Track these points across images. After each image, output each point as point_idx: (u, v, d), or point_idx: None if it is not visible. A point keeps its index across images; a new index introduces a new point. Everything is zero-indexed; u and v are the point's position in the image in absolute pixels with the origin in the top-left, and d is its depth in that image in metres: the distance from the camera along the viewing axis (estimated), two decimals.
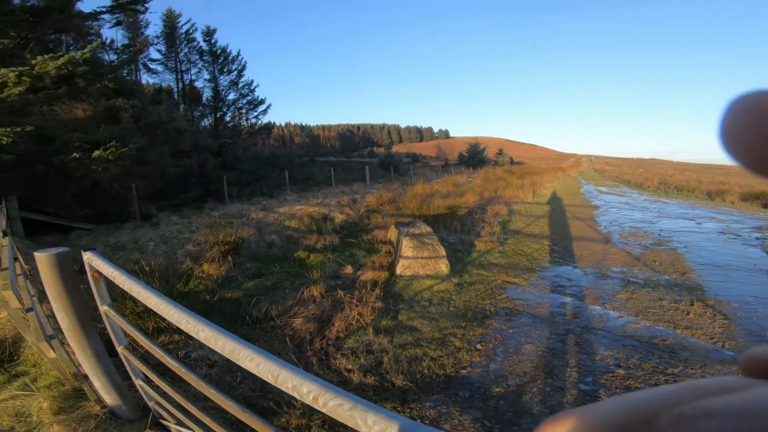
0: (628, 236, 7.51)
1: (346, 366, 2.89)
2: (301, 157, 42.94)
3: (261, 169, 24.87)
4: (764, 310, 3.85)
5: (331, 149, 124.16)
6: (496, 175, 19.98)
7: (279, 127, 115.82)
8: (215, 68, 28.79)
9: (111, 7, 11.22)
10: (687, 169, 65.71)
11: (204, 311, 3.87)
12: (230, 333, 0.86)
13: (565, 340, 3.25)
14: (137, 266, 4.27)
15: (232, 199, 15.42)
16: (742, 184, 23.32)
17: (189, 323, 0.94)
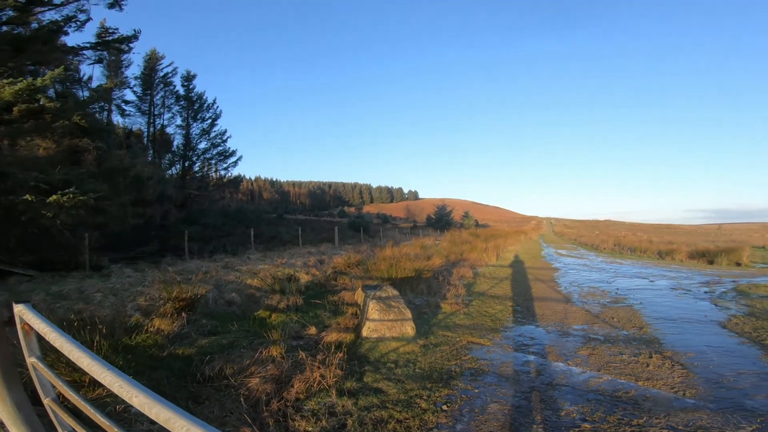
0: (587, 295, 7.78)
1: (306, 428, 2.71)
2: (270, 214, 42.56)
3: (226, 225, 24.36)
4: (719, 358, 4.04)
5: (301, 207, 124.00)
6: (461, 238, 20.52)
7: (248, 180, 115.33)
8: (189, 114, 28.20)
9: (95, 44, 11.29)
10: (639, 229, 70.09)
11: (151, 366, 3.61)
12: (167, 401, 0.83)
13: (530, 398, 3.22)
14: (79, 317, 3.97)
15: (193, 255, 14.85)
16: (689, 243, 25.09)
17: (122, 387, 0.90)
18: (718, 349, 4.34)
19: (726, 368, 3.75)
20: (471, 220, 55.19)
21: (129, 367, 3.45)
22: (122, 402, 2.71)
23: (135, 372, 3.39)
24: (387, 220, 66.00)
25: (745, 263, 15.00)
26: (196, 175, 29.11)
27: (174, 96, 28.11)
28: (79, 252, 10.41)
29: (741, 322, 5.42)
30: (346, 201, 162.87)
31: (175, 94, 28.14)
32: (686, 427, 2.69)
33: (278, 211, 54.89)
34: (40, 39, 9.08)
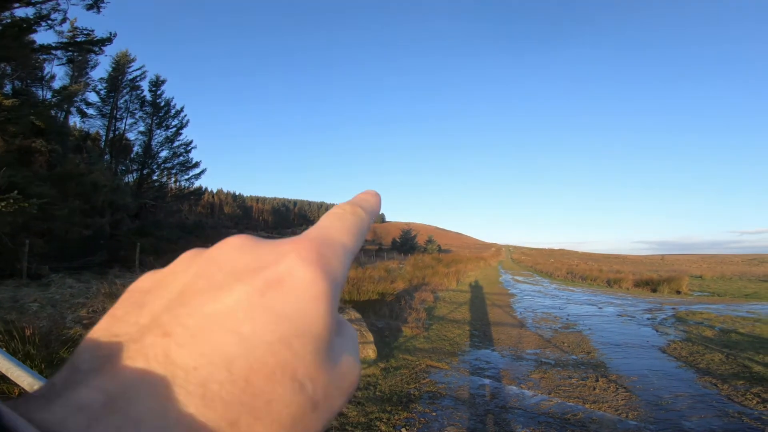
0: (541, 321, 8.09)
1: None
2: (230, 230, 41.29)
3: (182, 239, 23.31)
4: (658, 381, 4.35)
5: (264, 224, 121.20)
6: (424, 263, 20.82)
7: (210, 193, 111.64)
8: (154, 121, 26.46)
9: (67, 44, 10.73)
10: (591, 258, 73.89)
11: None
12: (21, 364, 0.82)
13: (485, 420, 3.31)
14: (10, 327, 3.71)
15: (144, 268, 14.01)
16: (635, 272, 26.73)
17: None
18: (658, 372, 4.66)
19: (665, 391, 4.03)
20: (434, 245, 56.00)
21: None
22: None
23: None
24: None
25: (685, 291, 16.18)
26: (154, 184, 27.46)
27: (139, 101, 26.38)
28: (17, 259, 9.63)
29: (679, 347, 5.85)
30: (311, 219, 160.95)
31: (141, 98, 26.44)
32: None
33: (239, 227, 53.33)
34: (11, 35, 8.57)
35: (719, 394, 3.92)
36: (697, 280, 24.99)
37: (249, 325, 0.16)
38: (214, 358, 0.15)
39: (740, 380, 4.28)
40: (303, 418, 0.16)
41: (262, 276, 0.18)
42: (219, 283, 0.17)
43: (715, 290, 17.97)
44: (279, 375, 0.16)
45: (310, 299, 0.17)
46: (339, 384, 0.18)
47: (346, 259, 0.20)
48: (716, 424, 3.24)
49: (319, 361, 0.17)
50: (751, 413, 3.42)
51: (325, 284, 0.18)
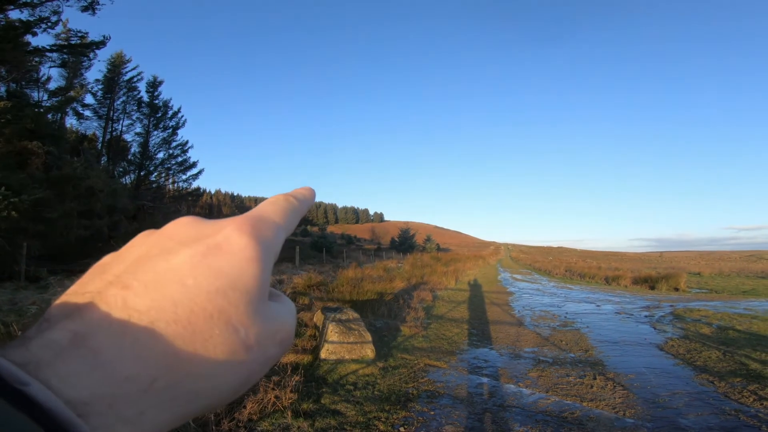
0: (539, 319, 8.11)
1: None
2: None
3: None
4: (656, 379, 4.35)
5: None
6: (423, 262, 20.83)
7: (208, 194, 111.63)
8: (151, 122, 26.38)
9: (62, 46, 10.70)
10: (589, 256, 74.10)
11: None
12: None
13: (482, 419, 3.31)
14: (10, 329, 3.72)
15: None
16: (633, 269, 26.80)
17: None
18: (656, 370, 4.67)
19: (662, 388, 4.04)
20: (433, 243, 56.06)
21: None
22: None
23: None
24: (351, 241, 65.78)
25: (683, 288, 16.22)
26: (152, 186, 27.41)
27: (136, 102, 26.34)
28: (14, 261, 9.60)
29: (676, 344, 5.86)
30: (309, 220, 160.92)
31: (138, 100, 26.39)
32: None
33: None
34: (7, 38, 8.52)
35: (716, 392, 3.92)
36: (695, 277, 25.05)
37: (192, 279, 0.20)
38: (163, 303, 0.19)
39: (737, 377, 4.28)
40: (237, 356, 0.20)
41: (204, 242, 0.22)
42: (169, 249, 0.21)
43: (713, 287, 18.01)
44: (216, 318, 0.20)
45: (245, 260, 0.21)
46: (271, 335, 0.22)
47: (277, 233, 0.25)
48: (713, 421, 3.24)
49: (251, 311, 0.21)
50: (747, 411, 3.43)
51: (258, 250, 0.22)
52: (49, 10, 10.13)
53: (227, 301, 0.20)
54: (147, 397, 0.17)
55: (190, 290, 0.20)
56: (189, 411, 0.19)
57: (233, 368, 0.20)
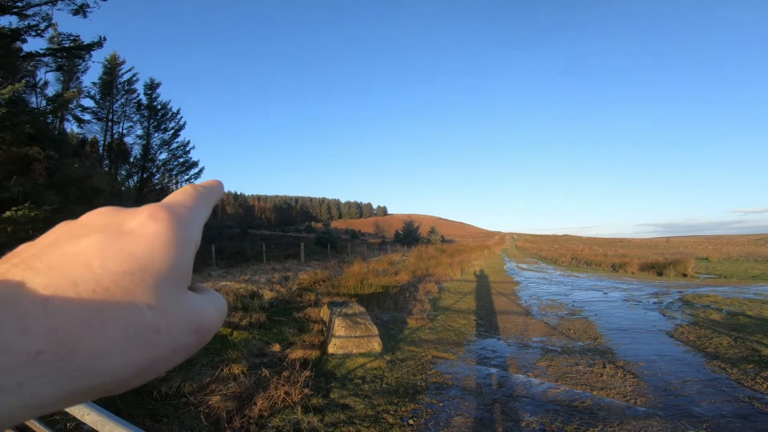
0: (546, 308, 8.08)
1: None
2: (233, 229, 41.37)
3: None
4: (666, 366, 4.30)
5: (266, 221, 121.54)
6: (428, 254, 20.80)
7: None
8: (150, 124, 26.51)
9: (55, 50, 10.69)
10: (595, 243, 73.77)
11: None
12: (120, 418, 0.82)
13: (492, 410, 3.30)
14: None
15: None
16: (640, 256, 26.66)
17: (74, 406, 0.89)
18: (666, 357, 4.63)
19: (673, 376, 4.00)
20: (437, 235, 56.03)
21: None
22: (73, 419, 2.57)
23: None
24: (356, 235, 65.85)
25: (691, 274, 16.09)
26: (155, 187, 27.65)
27: (135, 104, 26.53)
28: None
29: (686, 331, 5.80)
30: (313, 216, 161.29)
31: (137, 102, 26.56)
32: None
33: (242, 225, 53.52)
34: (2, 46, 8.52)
35: (728, 379, 3.87)
36: (703, 262, 24.86)
37: (99, 261, 0.20)
38: (63, 282, 0.19)
39: (749, 364, 4.22)
40: (141, 338, 0.19)
41: (117, 228, 0.22)
42: (80, 235, 0.21)
43: (722, 272, 17.86)
44: (119, 298, 0.19)
45: (157, 244, 0.21)
46: (185, 322, 0.22)
47: (192, 219, 0.25)
48: (726, 409, 3.20)
49: (162, 295, 0.20)
50: (761, 398, 3.37)
51: (172, 235, 0.22)
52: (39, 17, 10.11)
53: (134, 284, 0.20)
54: (28, 369, 0.17)
55: (95, 271, 0.19)
56: (77, 388, 0.19)
57: (135, 350, 0.19)
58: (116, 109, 26.07)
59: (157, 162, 27.10)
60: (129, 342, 0.19)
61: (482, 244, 53.70)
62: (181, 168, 27.89)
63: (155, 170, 27.11)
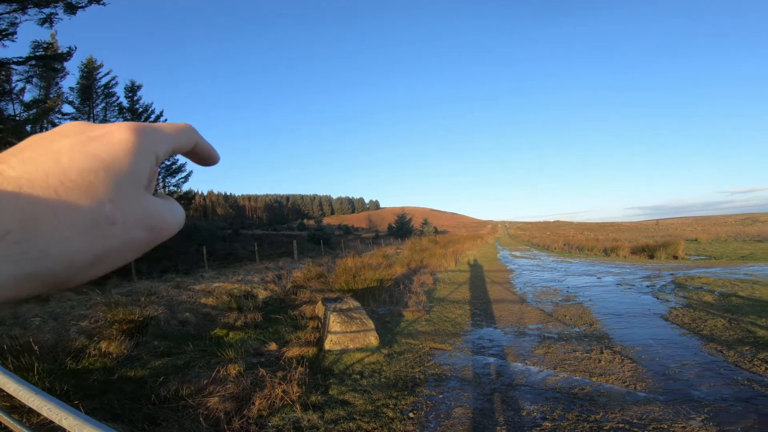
0: (541, 295, 8.12)
1: None
2: (224, 230, 40.98)
3: (177, 243, 23.12)
4: (663, 350, 4.32)
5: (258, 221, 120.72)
6: (421, 246, 20.81)
7: (201, 196, 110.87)
8: None
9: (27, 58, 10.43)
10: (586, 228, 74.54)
11: (101, 389, 3.41)
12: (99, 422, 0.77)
13: (492, 399, 3.29)
14: (18, 342, 3.69)
15: (141, 276, 13.99)
16: (631, 239, 26.98)
17: (51, 410, 0.84)
18: (662, 341, 4.65)
19: (671, 360, 4.01)
20: (430, 227, 56.12)
21: (77, 391, 3.24)
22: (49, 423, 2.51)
23: (84, 395, 3.20)
24: (349, 231, 65.68)
25: (681, 256, 16.31)
26: None
27: (116, 107, 26.34)
28: None
29: (681, 313, 5.85)
30: (305, 213, 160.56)
31: (118, 105, 26.34)
32: (640, 420, 2.84)
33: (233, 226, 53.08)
34: None
35: (726, 361, 3.87)
36: (692, 243, 25.23)
37: (68, 157, 0.22)
38: (35, 173, 0.21)
39: (746, 346, 4.24)
40: (99, 228, 0.22)
41: (87, 134, 0.24)
42: (53, 139, 0.24)
43: (712, 253, 18.12)
44: (84, 190, 0.22)
45: (122, 150, 0.24)
46: (141, 219, 0.24)
47: (162, 139, 0.27)
48: (726, 392, 3.20)
49: (121, 192, 0.23)
50: (761, 380, 3.38)
51: (135, 143, 0.25)
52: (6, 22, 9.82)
53: (98, 179, 0.22)
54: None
55: (64, 165, 0.22)
56: (38, 269, 0.20)
57: (92, 238, 0.22)
58: (97, 113, 25.71)
59: None
60: (88, 229, 0.22)
61: (475, 233, 53.95)
62: (167, 171, 27.73)
63: None
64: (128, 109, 26.47)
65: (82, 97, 25.10)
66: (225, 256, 21.32)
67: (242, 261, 19.06)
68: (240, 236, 36.02)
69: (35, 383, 3.12)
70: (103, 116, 25.89)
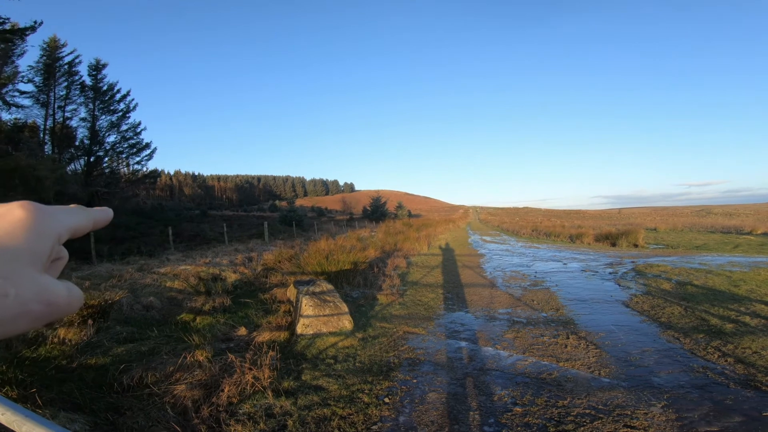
0: (510, 279, 8.32)
1: None
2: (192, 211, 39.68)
3: (141, 224, 22.20)
4: (625, 336, 4.49)
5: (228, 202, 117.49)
6: (395, 229, 20.87)
7: (167, 175, 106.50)
8: (96, 106, 25.33)
9: None
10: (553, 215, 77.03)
11: (60, 379, 3.24)
12: (42, 418, 0.70)
13: (464, 384, 3.34)
14: None
15: (102, 258, 13.37)
16: (595, 227, 28.08)
17: None
18: (624, 327, 4.83)
19: (632, 346, 4.16)
20: (404, 210, 56.44)
21: (33, 380, 3.03)
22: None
23: (41, 385, 3.00)
24: (322, 213, 65.07)
25: (641, 244, 17.11)
26: (104, 171, 26.21)
27: (79, 86, 25.00)
28: None
29: (641, 300, 6.10)
30: (277, 195, 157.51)
31: (81, 84, 25.07)
32: (605, 406, 2.93)
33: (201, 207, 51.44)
34: None
35: (683, 349, 4.05)
36: (652, 232, 26.53)
37: None
38: None
39: (700, 333, 4.45)
40: None
41: None
42: None
43: (669, 242, 19.09)
44: None
45: (19, 228, 0.26)
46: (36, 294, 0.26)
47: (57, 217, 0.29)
48: (684, 379, 3.35)
49: (15, 268, 0.25)
50: (714, 368, 3.55)
51: (33, 222, 0.26)
52: None
53: None
54: None
55: None
56: None
57: None
58: (59, 92, 24.35)
59: (105, 145, 25.81)
60: None
61: (447, 217, 54.63)
62: (131, 150, 26.77)
63: (103, 153, 25.81)
64: (91, 88, 25.28)
65: (44, 75, 23.69)
66: (192, 237, 20.66)
67: (210, 243, 18.55)
68: (208, 217, 34.95)
69: None
70: (66, 95, 24.50)
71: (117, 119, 26.24)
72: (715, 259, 10.22)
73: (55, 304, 0.26)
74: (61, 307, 0.27)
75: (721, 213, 66.25)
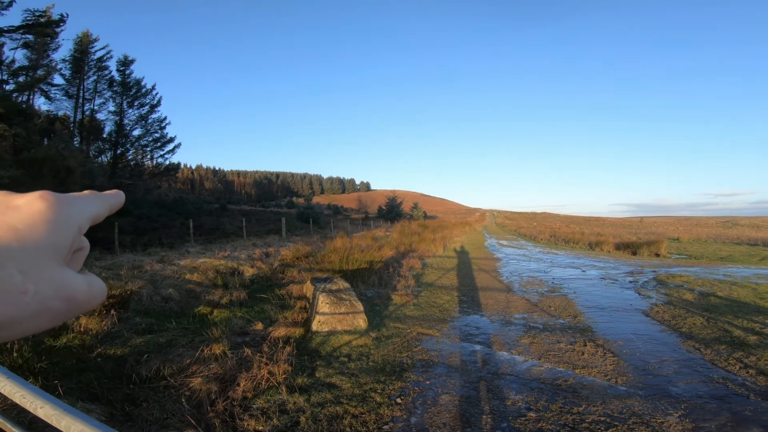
0: (527, 285, 8.21)
1: (256, 427, 2.60)
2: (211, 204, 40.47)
3: (162, 216, 22.75)
4: (644, 345, 4.39)
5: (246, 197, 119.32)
6: (411, 230, 20.84)
7: (189, 169, 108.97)
8: (124, 100, 26.27)
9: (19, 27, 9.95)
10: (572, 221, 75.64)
11: (79, 368, 3.32)
12: (79, 412, 0.71)
13: (478, 388, 3.31)
14: None
15: (125, 248, 13.73)
16: (615, 235, 27.46)
17: (25, 397, 0.77)
18: (643, 336, 4.72)
19: (651, 355, 4.07)
20: (420, 211, 56.33)
21: (54, 370, 3.14)
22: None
23: (61, 374, 3.11)
24: (338, 211, 65.45)
25: (663, 254, 16.65)
26: (129, 164, 27.17)
27: (107, 81, 26.08)
28: None
29: (661, 310, 5.95)
30: (294, 191, 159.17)
31: (110, 79, 26.17)
32: (621, 414, 2.88)
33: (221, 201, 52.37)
34: None
35: (703, 359, 3.95)
36: (674, 242, 25.77)
37: None
38: None
39: (722, 345, 4.33)
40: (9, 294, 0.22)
41: (7, 204, 0.25)
42: None
43: (692, 253, 18.53)
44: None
45: (39, 221, 0.24)
46: (56, 290, 0.24)
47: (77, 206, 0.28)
48: (702, 390, 3.27)
49: (35, 263, 0.23)
50: (734, 379, 3.45)
51: (53, 214, 0.25)
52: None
53: (11, 251, 0.23)
54: None
55: None
56: None
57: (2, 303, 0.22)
58: (88, 86, 25.51)
59: (131, 138, 26.77)
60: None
61: (463, 220, 54.27)
62: (155, 144, 27.66)
63: (129, 146, 26.76)
64: (119, 83, 26.36)
65: (74, 69, 24.72)
66: (211, 231, 21.03)
67: (229, 237, 18.84)
68: (227, 211, 35.54)
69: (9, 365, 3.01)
70: (94, 89, 25.49)
71: (144, 113, 27.13)
72: (740, 271, 9.88)
73: (74, 300, 0.26)
74: (81, 303, 0.26)
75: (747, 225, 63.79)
